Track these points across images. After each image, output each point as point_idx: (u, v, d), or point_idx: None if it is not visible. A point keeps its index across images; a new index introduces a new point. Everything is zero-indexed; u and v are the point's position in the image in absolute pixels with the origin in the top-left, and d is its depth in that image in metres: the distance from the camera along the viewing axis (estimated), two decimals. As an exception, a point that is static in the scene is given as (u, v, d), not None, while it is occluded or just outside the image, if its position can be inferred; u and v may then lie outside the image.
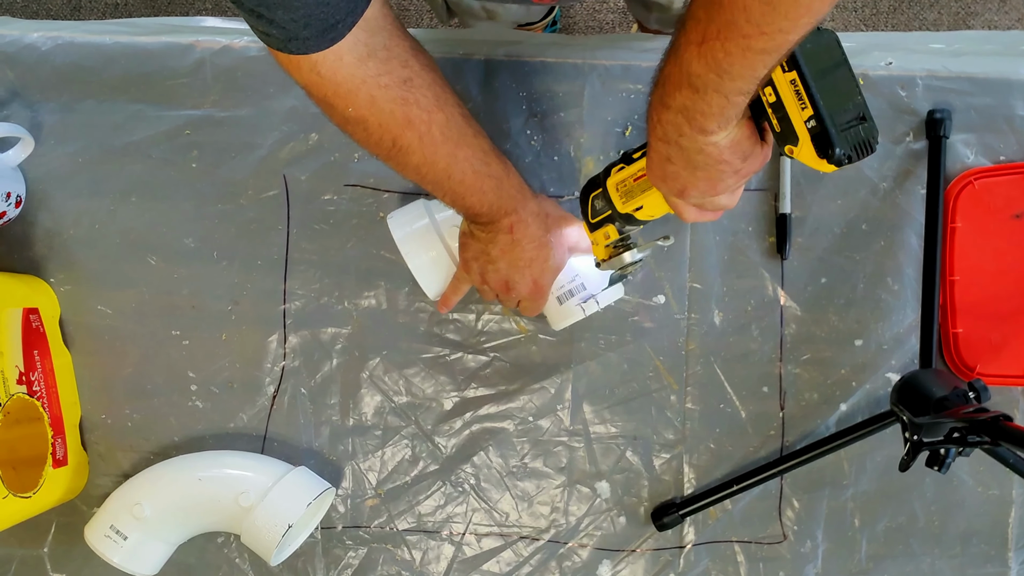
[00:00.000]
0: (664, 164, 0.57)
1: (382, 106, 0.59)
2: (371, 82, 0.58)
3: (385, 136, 0.61)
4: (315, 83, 0.57)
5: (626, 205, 0.67)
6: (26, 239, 0.86)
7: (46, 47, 0.86)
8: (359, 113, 0.59)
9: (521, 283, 0.74)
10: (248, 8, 0.52)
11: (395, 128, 0.61)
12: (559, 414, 0.86)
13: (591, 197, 0.69)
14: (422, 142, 0.62)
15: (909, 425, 0.69)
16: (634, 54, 0.86)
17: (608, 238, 0.70)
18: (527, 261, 0.73)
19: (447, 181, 0.66)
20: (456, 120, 0.64)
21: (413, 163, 0.64)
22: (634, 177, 0.65)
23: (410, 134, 0.62)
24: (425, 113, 0.61)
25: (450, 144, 0.64)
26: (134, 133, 0.86)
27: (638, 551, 0.85)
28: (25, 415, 0.78)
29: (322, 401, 0.86)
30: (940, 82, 0.84)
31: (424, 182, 0.67)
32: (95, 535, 0.78)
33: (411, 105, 0.60)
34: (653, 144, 0.57)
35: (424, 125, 0.62)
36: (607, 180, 0.67)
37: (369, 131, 0.61)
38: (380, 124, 0.60)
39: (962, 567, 0.84)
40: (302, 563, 0.85)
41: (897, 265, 0.85)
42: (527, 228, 0.72)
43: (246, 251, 0.86)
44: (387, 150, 0.63)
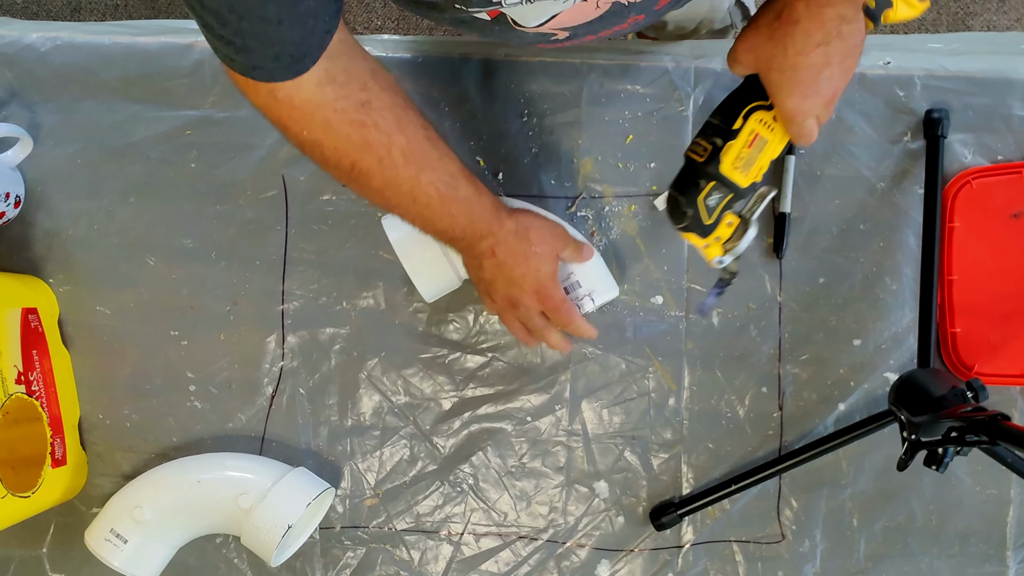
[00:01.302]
0: (821, 72, 0.58)
1: (338, 129, 0.59)
2: (327, 106, 0.57)
3: (343, 160, 0.60)
4: (270, 106, 0.57)
5: (748, 177, 0.64)
6: (25, 239, 0.86)
7: (45, 48, 0.86)
8: (314, 136, 0.59)
9: (524, 297, 0.73)
10: (219, 35, 0.51)
11: (352, 152, 0.60)
12: (557, 414, 0.86)
13: (700, 200, 0.65)
14: (382, 165, 0.61)
15: (907, 425, 0.69)
16: (632, 55, 0.86)
17: (731, 226, 0.67)
18: (520, 277, 0.72)
19: (412, 205, 0.65)
20: (419, 143, 0.63)
21: (375, 186, 0.63)
22: (747, 144, 0.63)
23: (369, 157, 0.61)
24: (385, 136, 0.60)
25: (413, 167, 0.63)
26: (133, 134, 0.86)
27: (636, 551, 0.85)
28: (24, 415, 0.78)
29: (321, 401, 0.86)
30: (938, 82, 0.84)
31: (389, 206, 0.66)
32: (95, 539, 0.78)
33: (369, 128, 0.60)
34: (805, 59, 0.57)
35: (383, 148, 0.61)
36: (720, 167, 0.64)
37: (326, 155, 0.60)
38: (336, 148, 0.60)
39: (960, 566, 0.84)
40: (301, 563, 0.85)
41: (895, 265, 0.85)
42: (508, 247, 0.70)
43: (245, 251, 0.86)
44: (346, 173, 0.62)
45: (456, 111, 0.86)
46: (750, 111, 0.63)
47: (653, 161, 0.85)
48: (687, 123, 0.85)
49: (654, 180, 0.85)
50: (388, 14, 1.78)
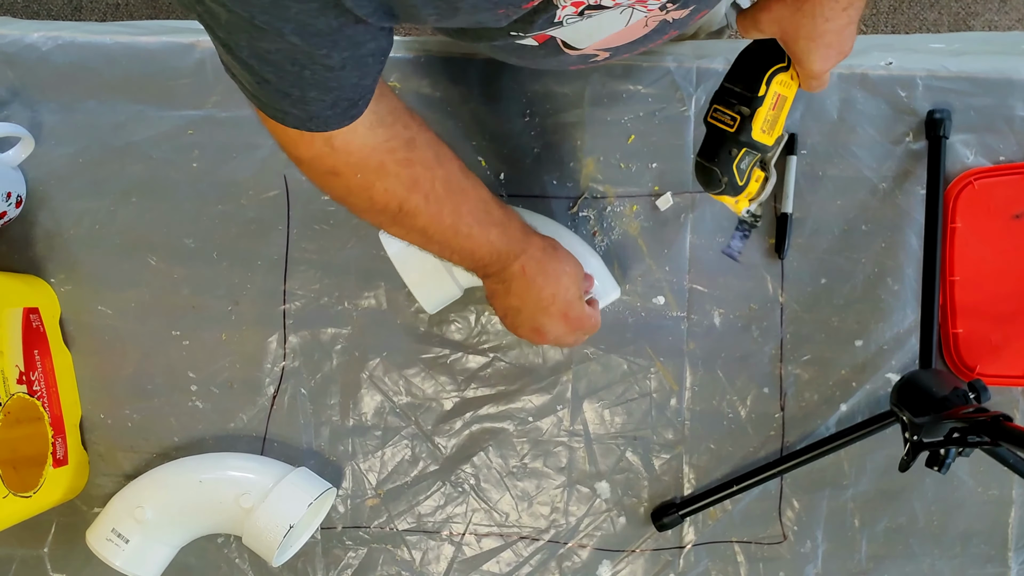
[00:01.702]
0: (845, 31, 0.60)
1: (389, 169, 0.59)
2: (381, 147, 0.58)
3: (391, 201, 0.60)
4: (325, 156, 0.57)
5: (772, 135, 0.66)
6: (26, 239, 0.86)
7: (47, 47, 0.86)
8: (366, 180, 0.59)
9: (551, 324, 0.71)
10: (276, 89, 0.50)
11: (401, 191, 0.60)
12: (559, 414, 0.86)
13: (734, 167, 0.67)
14: (427, 201, 0.61)
15: (909, 425, 0.69)
16: (634, 56, 0.86)
17: (758, 181, 0.69)
18: (549, 298, 0.70)
19: (454, 238, 0.64)
20: (456, 174, 0.63)
21: (420, 225, 0.63)
22: (772, 106, 0.65)
23: (416, 197, 0.61)
24: (428, 172, 0.61)
25: (452, 199, 0.63)
26: (135, 133, 0.86)
27: (638, 551, 0.85)
28: (25, 415, 0.78)
29: (322, 401, 0.86)
30: (940, 82, 0.84)
31: (430, 243, 0.65)
32: (97, 539, 0.78)
33: (416, 165, 0.60)
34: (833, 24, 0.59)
35: (428, 184, 0.61)
36: (751, 135, 0.65)
37: (374, 199, 0.60)
38: (386, 190, 0.59)
39: (962, 567, 0.84)
40: (302, 563, 0.85)
41: (897, 265, 0.85)
42: (539, 264, 0.69)
43: (246, 251, 0.86)
44: (392, 215, 0.61)
45: (458, 111, 0.86)
46: (772, 75, 0.64)
47: (655, 161, 0.85)
48: (689, 123, 0.85)
49: (656, 180, 0.85)
50: (389, 14, 1.78)
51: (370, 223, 0.63)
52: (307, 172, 0.59)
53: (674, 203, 0.85)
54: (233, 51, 0.48)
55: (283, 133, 0.55)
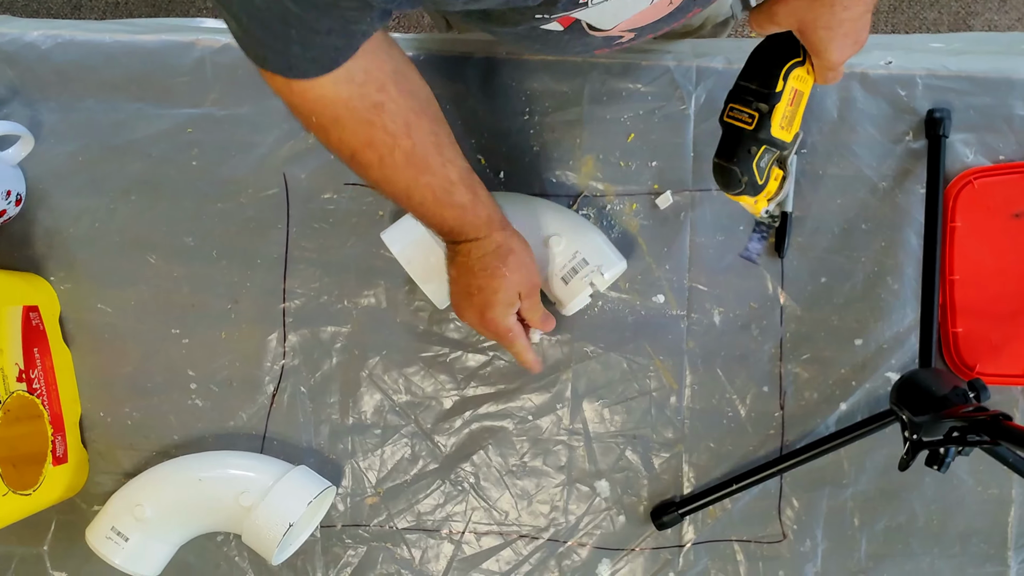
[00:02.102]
0: (861, 19, 0.60)
1: (345, 124, 0.60)
2: (340, 103, 0.59)
3: (343, 148, 0.62)
4: (283, 92, 0.59)
5: (791, 131, 0.66)
6: (26, 237, 0.86)
7: (46, 46, 0.86)
8: (321, 123, 0.60)
9: (468, 311, 0.74)
10: (258, 39, 0.52)
11: (355, 144, 0.62)
12: (559, 413, 0.86)
13: (754, 164, 0.66)
14: (382, 163, 0.63)
15: (909, 424, 0.69)
16: (633, 54, 0.86)
17: (777, 179, 0.69)
18: (476, 288, 0.72)
19: (407, 201, 0.67)
20: (424, 148, 0.64)
21: (372, 178, 0.65)
22: (790, 102, 0.65)
23: (370, 153, 0.62)
24: (390, 138, 0.62)
25: (413, 169, 0.64)
26: (134, 131, 0.86)
27: (637, 550, 0.85)
28: (25, 413, 0.78)
29: (322, 400, 0.86)
30: (940, 81, 0.84)
31: (385, 194, 0.67)
32: (96, 536, 0.78)
33: (376, 129, 0.61)
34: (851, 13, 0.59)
35: (386, 148, 0.62)
36: (770, 132, 0.65)
37: (329, 140, 0.62)
38: (340, 139, 0.61)
39: (962, 566, 0.84)
40: (301, 562, 0.85)
41: (897, 264, 0.85)
42: (480, 259, 0.71)
43: (246, 249, 0.86)
44: (346, 159, 0.64)
45: (457, 109, 0.86)
46: (788, 70, 0.64)
47: (654, 160, 0.85)
48: (689, 122, 0.85)
49: (655, 179, 0.85)
50: (389, 12, 1.78)
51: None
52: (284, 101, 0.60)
53: (674, 201, 0.85)
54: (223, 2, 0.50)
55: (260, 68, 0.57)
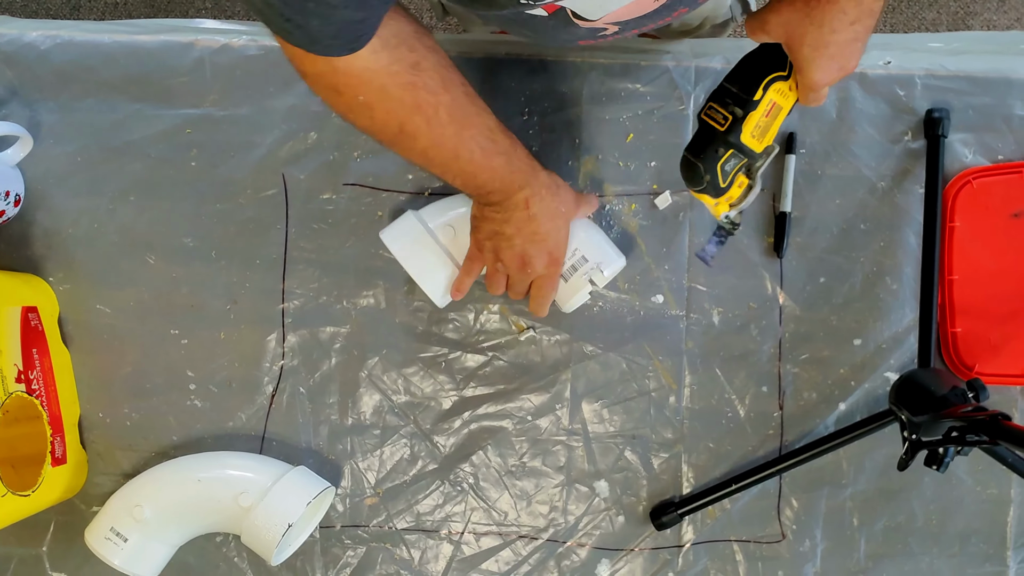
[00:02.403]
0: (849, 47, 0.60)
1: (391, 92, 0.59)
2: (382, 71, 0.58)
3: (391, 122, 0.61)
4: (326, 73, 0.57)
5: (763, 143, 0.66)
6: (25, 238, 0.86)
7: (45, 46, 0.86)
8: (368, 100, 0.59)
9: (538, 257, 0.74)
10: (280, 12, 0.52)
11: (403, 113, 0.61)
12: (558, 413, 0.86)
13: (719, 166, 0.67)
14: (429, 125, 0.62)
15: (908, 424, 0.69)
16: (632, 54, 0.86)
17: (741, 187, 0.69)
18: (544, 235, 0.73)
19: (455, 162, 0.66)
20: (461, 100, 0.64)
21: (420, 147, 0.64)
22: (765, 113, 0.65)
23: (418, 119, 0.62)
24: (432, 96, 0.61)
25: (456, 125, 0.64)
26: (133, 132, 0.86)
27: (637, 550, 0.85)
28: (24, 413, 0.78)
29: (321, 400, 0.86)
30: (938, 81, 0.84)
31: (431, 165, 0.67)
32: (95, 537, 0.78)
33: (419, 89, 0.61)
34: (839, 36, 0.59)
35: (431, 108, 0.62)
36: (740, 137, 0.65)
37: (374, 118, 0.61)
38: (387, 111, 0.60)
39: (961, 566, 0.84)
40: (301, 562, 0.85)
41: (896, 264, 0.85)
42: (542, 201, 0.72)
43: (245, 250, 0.86)
44: (392, 135, 0.63)
45: (457, 110, 0.86)
46: (770, 82, 0.64)
47: (654, 160, 0.85)
48: (688, 122, 0.85)
49: (655, 179, 0.85)
50: (388, 13, 1.78)
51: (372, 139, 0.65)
52: (311, 85, 0.60)
53: (673, 202, 0.85)
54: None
55: (288, 48, 0.56)
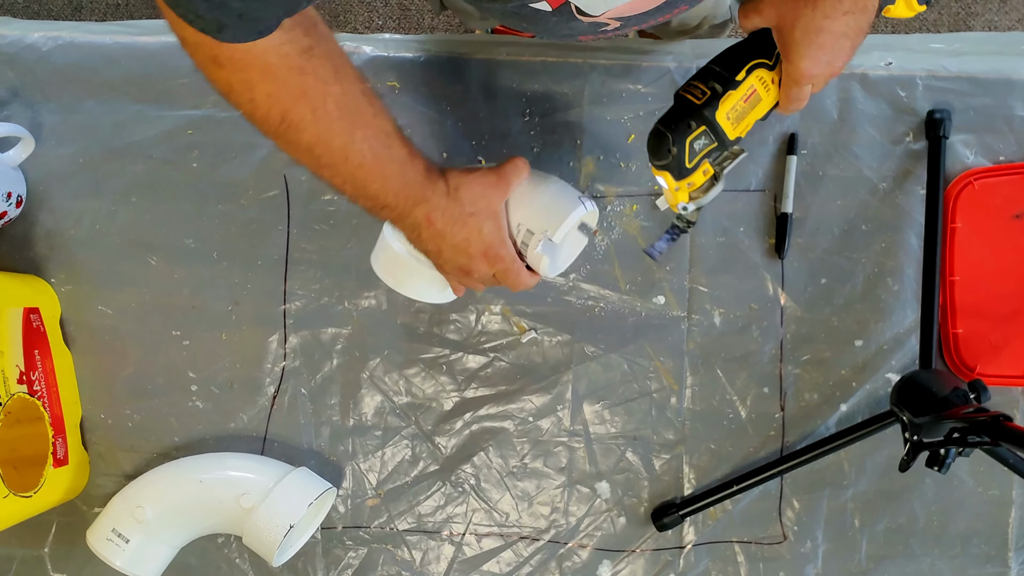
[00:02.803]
0: (839, 40, 0.59)
1: (277, 73, 0.55)
2: (271, 49, 0.53)
3: (274, 109, 0.56)
4: (209, 42, 0.52)
5: (735, 130, 0.65)
6: (27, 239, 0.86)
7: (47, 47, 0.86)
8: (249, 78, 0.55)
9: (475, 262, 0.69)
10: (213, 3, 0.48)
11: (287, 100, 0.56)
12: (559, 414, 0.86)
13: (688, 141, 0.64)
14: (315, 116, 0.57)
15: (909, 425, 0.69)
16: (633, 55, 0.86)
17: (705, 175, 0.67)
18: (465, 241, 0.68)
19: (344, 164, 0.61)
20: (355, 96, 0.59)
21: (305, 141, 0.59)
22: (744, 98, 0.64)
23: (302, 107, 0.57)
24: (322, 85, 0.57)
25: (346, 121, 0.59)
26: (135, 133, 0.86)
27: (638, 551, 0.85)
28: (26, 414, 0.78)
29: (322, 401, 0.86)
30: (940, 82, 0.84)
31: (319, 166, 0.61)
32: (97, 538, 0.78)
33: (308, 75, 0.56)
34: (831, 24, 0.59)
35: (319, 98, 0.57)
36: (715, 114, 0.64)
37: (256, 101, 0.56)
38: (269, 94, 0.55)
39: (962, 567, 0.84)
40: (302, 563, 0.85)
41: (897, 265, 0.85)
42: (444, 212, 0.66)
43: (246, 251, 0.86)
44: (275, 125, 0.57)
45: (458, 110, 0.86)
46: (754, 66, 0.64)
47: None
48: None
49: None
50: (389, 13, 1.78)
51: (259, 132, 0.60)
52: (192, 55, 0.54)
53: (674, 203, 0.85)
54: None
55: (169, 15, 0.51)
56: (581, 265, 0.85)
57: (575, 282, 0.85)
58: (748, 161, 0.85)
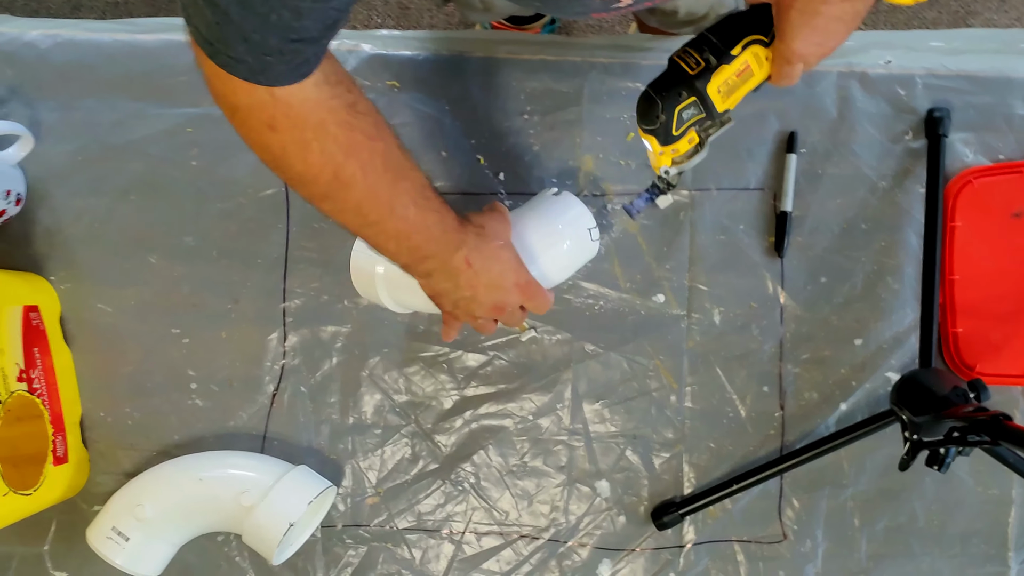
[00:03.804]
0: (834, 24, 0.60)
1: (330, 130, 0.56)
2: (323, 105, 0.55)
3: (327, 166, 0.57)
4: (265, 104, 0.53)
5: (725, 103, 0.65)
6: (26, 237, 0.86)
7: (46, 45, 0.86)
8: (304, 137, 0.55)
9: (509, 297, 0.71)
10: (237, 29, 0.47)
11: (339, 156, 0.57)
12: (559, 413, 0.86)
13: (677, 110, 0.65)
14: (364, 173, 0.58)
15: (909, 424, 0.69)
16: (633, 53, 0.86)
17: (691, 143, 0.67)
18: (499, 276, 0.70)
19: (390, 218, 0.61)
20: (395, 150, 0.61)
21: (354, 199, 0.59)
22: (737, 72, 0.64)
23: (353, 164, 0.57)
24: (368, 140, 0.58)
25: (391, 174, 0.60)
26: (134, 131, 0.86)
27: (638, 550, 0.85)
28: (26, 412, 0.78)
29: (322, 400, 0.86)
30: (939, 81, 0.84)
31: (366, 224, 0.62)
32: (97, 536, 0.78)
33: (356, 131, 0.57)
34: (828, 8, 0.59)
35: (367, 153, 0.58)
36: (707, 86, 0.64)
37: (309, 161, 0.56)
38: (324, 152, 0.56)
39: (962, 567, 0.84)
40: (302, 562, 0.85)
41: (897, 264, 0.85)
42: (479, 251, 0.68)
43: (246, 249, 0.86)
44: (326, 183, 0.58)
45: (457, 109, 0.86)
46: (750, 42, 0.64)
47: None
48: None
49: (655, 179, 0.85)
50: (388, 12, 1.78)
51: (302, 196, 0.61)
52: (242, 122, 0.55)
53: (673, 201, 0.85)
54: None
55: (223, 79, 0.52)
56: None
57: (575, 280, 0.85)
58: (748, 160, 0.85)
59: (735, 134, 0.85)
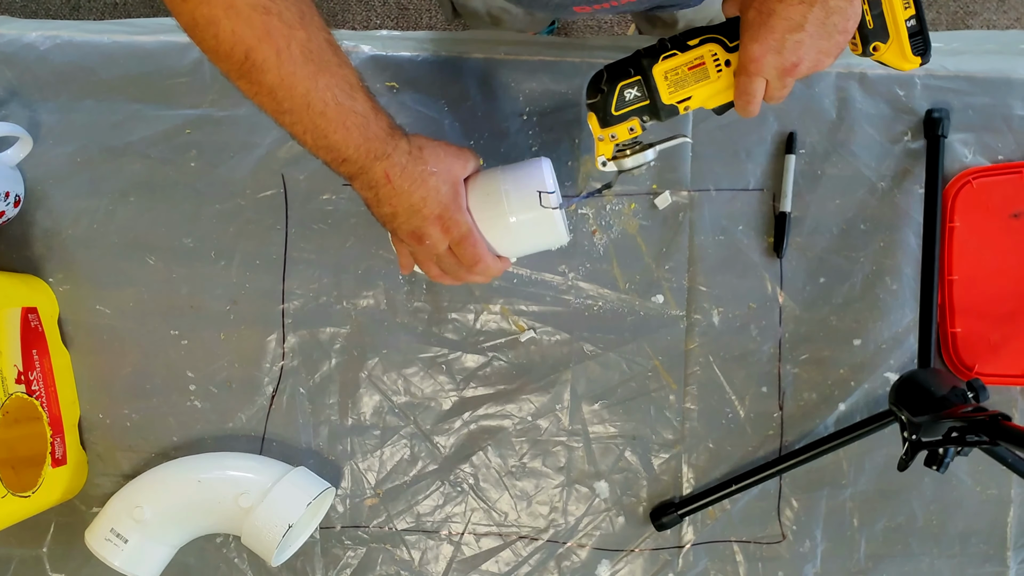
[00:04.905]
0: (790, 33, 0.58)
1: (241, 11, 0.55)
2: None
3: (238, 47, 0.56)
4: None
5: (673, 96, 0.64)
6: (25, 239, 0.86)
7: (45, 46, 0.86)
8: (212, 13, 0.55)
9: (429, 227, 0.67)
10: None
11: (250, 38, 0.56)
12: (558, 414, 0.86)
13: (620, 86, 0.64)
14: (279, 58, 0.57)
15: (908, 425, 0.69)
16: (633, 54, 0.86)
17: (632, 133, 0.66)
18: (421, 202, 0.66)
19: (306, 111, 0.60)
20: (319, 42, 0.59)
21: (268, 83, 0.58)
22: (689, 65, 0.63)
23: (267, 47, 0.56)
24: (286, 27, 0.57)
25: (311, 66, 0.58)
26: (133, 133, 0.86)
27: (637, 551, 0.85)
28: (24, 414, 0.78)
29: (321, 401, 0.86)
30: (938, 81, 0.84)
31: (281, 111, 0.60)
32: (95, 538, 0.78)
33: (272, 16, 0.56)
34: (783, 7, 0.57)
35: (284, 40, 0.57)
36: (653, 68, 0.63)
37: (220, 38, 0.56)
38: (233, 31, 0.56)
39: (961, 567, 0.84)
40: (301, 563, 0.85)
41: (896, 265, 0.85)
42: (404, 170, 0.65)
43: (245, 251, 0.86)
44: (238, 64, 0.57)
45: (456, 109, 0.86)
46: (708, 39, 0.64)
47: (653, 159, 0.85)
48: (688, 121, 0.85)
49: (654, 179, 0.85)
50: (387, 12, 1.78)
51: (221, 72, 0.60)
52: None
53: (672, 201, 0.85)
54: None
55: None
56: (580, 264, 0.85)
57: (574, 281, 0.85)
58: (747, 160, 0.85)
59: (734, 134, 0.86)
